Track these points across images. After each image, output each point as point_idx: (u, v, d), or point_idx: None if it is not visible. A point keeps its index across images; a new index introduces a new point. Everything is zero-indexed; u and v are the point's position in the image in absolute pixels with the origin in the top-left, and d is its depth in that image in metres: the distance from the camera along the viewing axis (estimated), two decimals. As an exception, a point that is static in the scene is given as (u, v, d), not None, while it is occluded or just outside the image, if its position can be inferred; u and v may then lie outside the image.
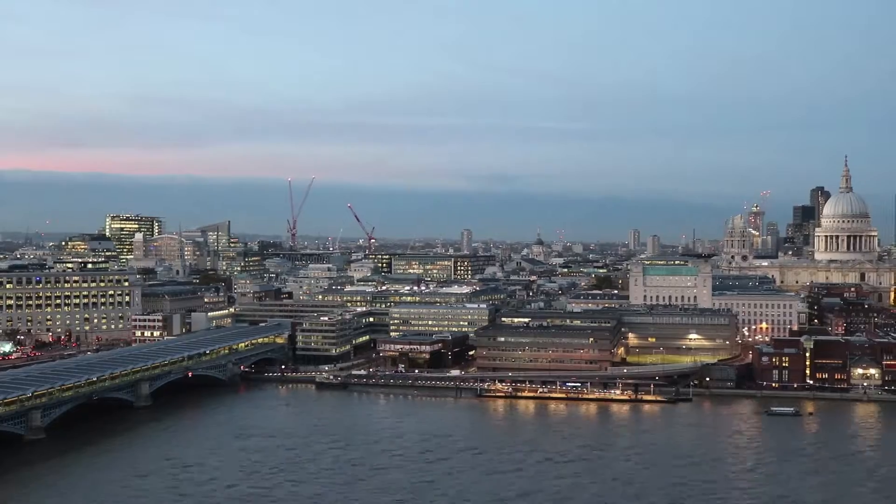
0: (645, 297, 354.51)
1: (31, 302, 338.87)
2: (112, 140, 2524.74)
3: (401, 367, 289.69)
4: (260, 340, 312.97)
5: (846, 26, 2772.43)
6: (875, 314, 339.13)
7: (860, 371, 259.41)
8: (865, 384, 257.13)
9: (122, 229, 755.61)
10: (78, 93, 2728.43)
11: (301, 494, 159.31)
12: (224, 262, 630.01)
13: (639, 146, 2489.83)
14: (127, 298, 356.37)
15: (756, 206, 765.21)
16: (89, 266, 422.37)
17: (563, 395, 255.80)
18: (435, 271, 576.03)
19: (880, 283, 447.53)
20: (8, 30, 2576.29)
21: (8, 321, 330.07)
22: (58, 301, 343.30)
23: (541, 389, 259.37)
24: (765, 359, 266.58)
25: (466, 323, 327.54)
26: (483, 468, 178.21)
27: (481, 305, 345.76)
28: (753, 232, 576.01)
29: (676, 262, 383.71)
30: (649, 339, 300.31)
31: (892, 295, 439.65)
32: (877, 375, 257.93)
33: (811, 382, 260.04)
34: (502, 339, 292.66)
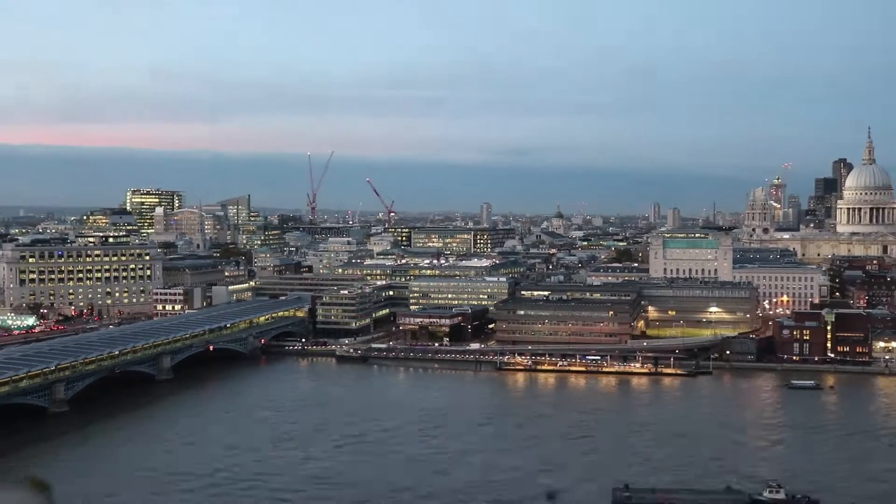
0: (665, 270, 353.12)
1: (53, 276, 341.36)
2: (133, 114, 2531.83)
3: (411, 343, 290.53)
4: (280, 314, 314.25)
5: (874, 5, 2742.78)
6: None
7: (882, 344, 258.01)
8: (887, 357, 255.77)
9: (142, 203, 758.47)
10: (98, 66, 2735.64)
11: (310, 467, 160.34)
12: (244, 236, 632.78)
13: (659, 119, 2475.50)
14: (148, 272, 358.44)
15: (777, 179, 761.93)
16: (110, 240, 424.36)
17: (583, 369, 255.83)
18: (454, 244, 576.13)
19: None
20: (27, 3, 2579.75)
21: (31, 295, 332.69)
22: (80, 275, 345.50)
23: (560, 363, 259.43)
24: (786, 332, 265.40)
25: (486, 296, 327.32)
26: (502, 443, 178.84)
27: (501, 279, 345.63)
28: (775, 204, 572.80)
29: (697, 235, 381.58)
30: (669, 312, 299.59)
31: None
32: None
33: (832, 356, 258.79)
34: (522, 312, 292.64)
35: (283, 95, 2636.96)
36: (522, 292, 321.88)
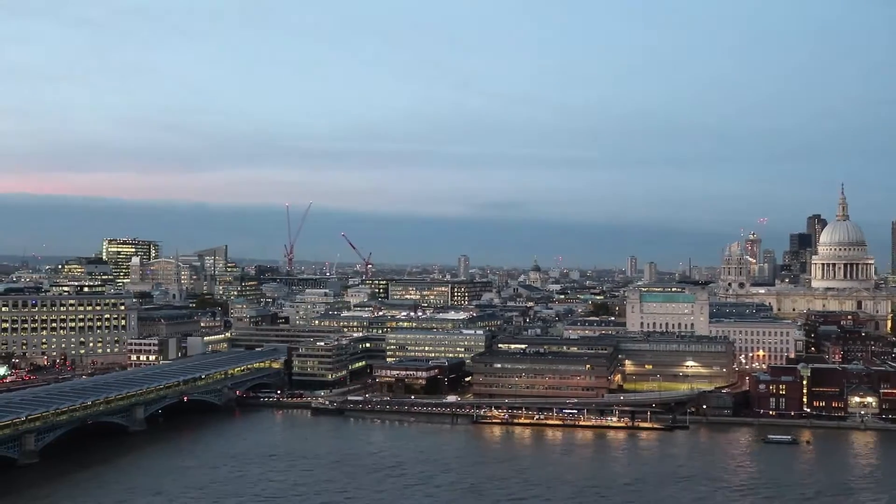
0: (642, 323, 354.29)
1: (26, 325, 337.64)
2: (109, 164, 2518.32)
3: (388, 396, 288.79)
4: (256, 365, 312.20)
5: (845, 59, 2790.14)
6: (872, 342, 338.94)
7: (857, 399, 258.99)
8: (863, 412, 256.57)
9: (118, 253, 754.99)
10: (75, 116, 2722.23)
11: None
12: (221, 287, 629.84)
13: (635, 174, 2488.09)
14: (123, 322, 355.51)
15: (753, 234, 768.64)
16: (85, 289, 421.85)
17: (560, 422, 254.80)
18: (432, 297, 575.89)
19: (877, 312, 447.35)
20: (5, 52, 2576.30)
21: (3, 344, 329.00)
22: (53, 324, 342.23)
23: (537, 416, 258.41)
24: (762, 386, 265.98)
25: (463, 349, 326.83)
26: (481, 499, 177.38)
27: (478, 331, 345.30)
28: (750, 259, 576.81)
29: (673, 290, 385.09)
30: (646, 366, 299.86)
31: (889, 323, 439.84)
32: (874, 404, 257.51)
33: (808, 410, 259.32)
34: (499, 365, 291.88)
35: (261, 147, 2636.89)
36: (499, 345, 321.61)
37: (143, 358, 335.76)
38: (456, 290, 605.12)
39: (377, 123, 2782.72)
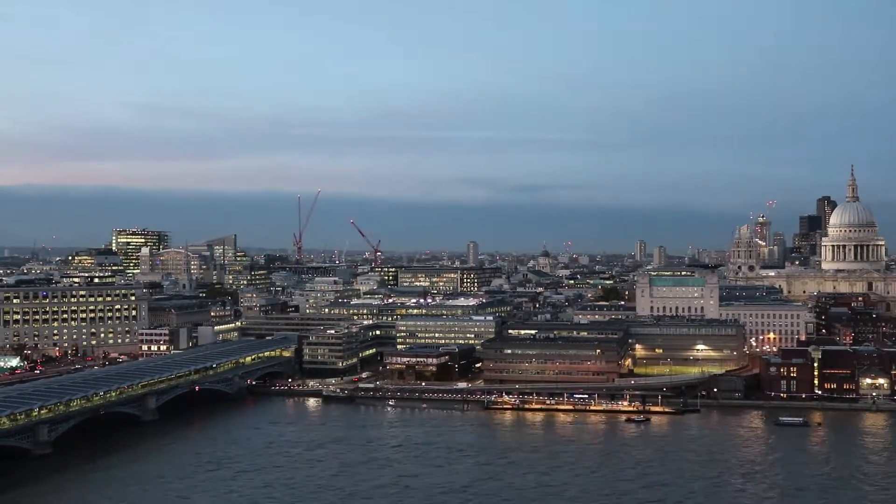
0: (652, 308, 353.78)
1: (37, 317, 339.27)
2: (122, 152, 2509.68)
3: (398, 382, 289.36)
4: (266, 354, 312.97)
5: (857, 41, 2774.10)
6: (883, 324, 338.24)
7: (869, 381, 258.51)
8: (874, 394, 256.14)
9: (128, 243, 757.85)
10: (88, 102, 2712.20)
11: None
12: (230, 276, 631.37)
13: (643, 157, 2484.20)
14: (133, 313, 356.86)
15: (762, 217, 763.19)
16: (96, 280, 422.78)
17: (571, 407, 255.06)
18: (441, 284, 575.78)
19: (888, 293, 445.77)
20: (15, 36, 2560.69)
21: (15, 336, 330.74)
22: (64, 315, 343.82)
23: (548, 401, 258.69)
24: (773, 369, 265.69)
25: (473, 335, 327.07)
26: (496, 482, 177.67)
27: (488, 318, 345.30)
28: (760, 242, 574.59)
29: (683, 273, 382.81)
30: (656, 350, 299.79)
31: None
32: (885, 385, 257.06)
33: (819, 392, 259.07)
34: (509, 351, 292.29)
35: (279, 132, 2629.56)
36: (509, 331, 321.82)
37: (154, 348, 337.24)
38: (465, 276, 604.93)
39: (399, 107, 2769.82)
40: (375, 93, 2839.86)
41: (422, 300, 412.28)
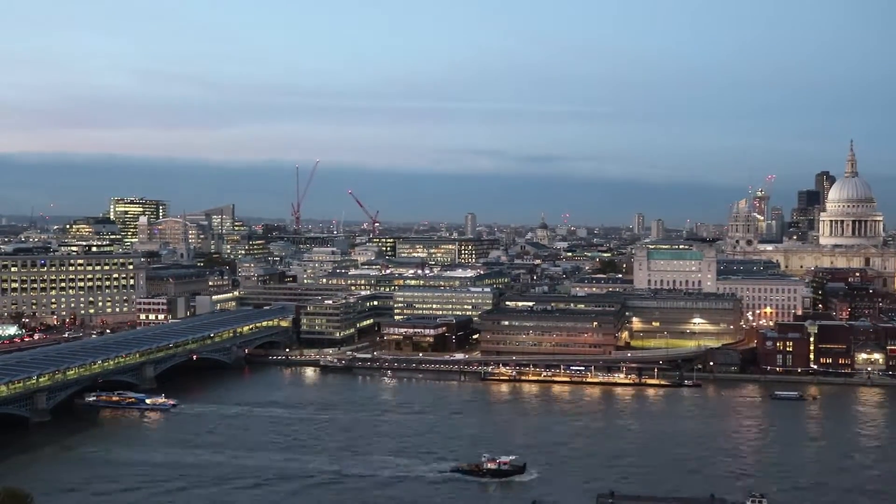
0: (649, 281, 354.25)
1: (35, 285, 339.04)
2: (123, 120, 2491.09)
3: (395, 353, 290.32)
4: (264, 324, 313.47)
5: (856, 13, 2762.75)
6: (879, 299, 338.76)
7: (864, 356, 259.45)
8: (869, 369, 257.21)
9: (126, 212, 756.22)
10: (88, 66, 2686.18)
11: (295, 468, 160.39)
12: (228, 246, 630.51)
13: (643, 129, 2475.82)
14: (131, 281, 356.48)
15: (761, 191, 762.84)
16: (93, 249, 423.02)
17: (567, 379, 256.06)
18: (439, 255, 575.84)
19: (885, 268, 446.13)
20: None
21: (13, 304, 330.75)
22: (62, 284, 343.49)
23: (544, 373, 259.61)
24: (769, 343, 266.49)
25: (470, 306, 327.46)
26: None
27: (485, 289, 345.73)
28: (758, 216, 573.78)
29: (681, 247, 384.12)
30: (653, 323, 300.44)
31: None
32: (881, 360, 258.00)
33: (815, 367, 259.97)
34: (506, 322, 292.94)
35: (278, 103, 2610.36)
36: (507, 303, 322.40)
37: (151, 317, 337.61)
38: (463, 247, 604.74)
39: (408, 76, 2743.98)
40: (383, 61, 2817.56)
41: (419, 271, 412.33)
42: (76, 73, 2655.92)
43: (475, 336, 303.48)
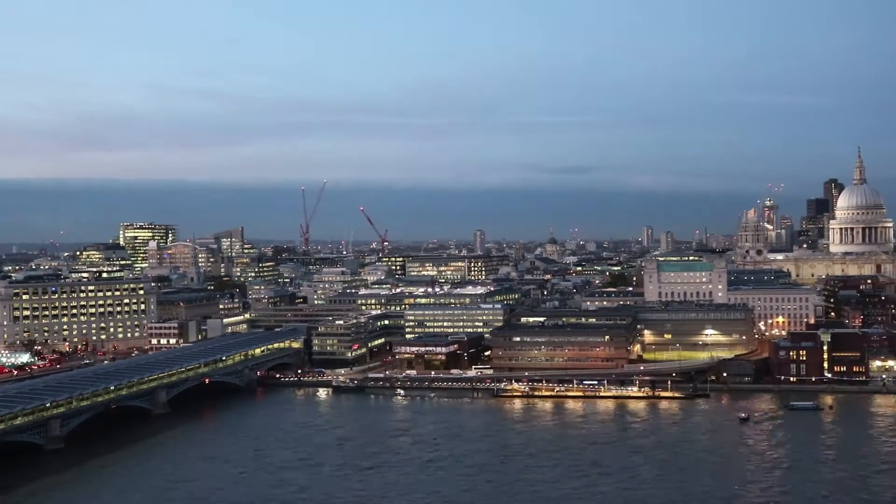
0: (660, 293, 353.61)
1: (47, 312, 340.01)
2: (135, 139, 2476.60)
3: (410, 371, 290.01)
4: (276, 346, 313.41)
5: (863, 15, 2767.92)
6: (892, 305, 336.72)
7: (879, 363, 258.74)
8: (884, 376, 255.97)
9: (135, 238, 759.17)
10: (102, 83, 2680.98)
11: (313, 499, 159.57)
12: (238, 269, 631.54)
13: (651, 139, 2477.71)
14: (142, 307, 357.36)
15: (769, 200, 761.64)
16: (104, 275, 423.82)
17: (580, 394, 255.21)
18: (449, 272, 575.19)
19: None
20: (22, 9, 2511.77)
21: (25, 332, 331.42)
22: (73, 311, 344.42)
23: (557, 388, 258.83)
24: (782, 353, 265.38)
25: (482, 323, 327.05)
26: (503, 471, 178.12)
27: (496, 305, 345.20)
28: (767, 226, 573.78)
29: (691, 258, 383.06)
30: (665, 335, 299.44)
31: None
32: (895, 367, 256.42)
33: (829, 375, 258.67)
34: (518, 338, 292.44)
35: (304, 115, 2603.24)
36: (518, 319, 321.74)
37: (163, 341, 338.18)
38: (473, 264, 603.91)
39: (395, 97, 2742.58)
40: (415, 70, 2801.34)
41: (430, 289, 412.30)
42: (88, 88, 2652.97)
43: (487, 353, 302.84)
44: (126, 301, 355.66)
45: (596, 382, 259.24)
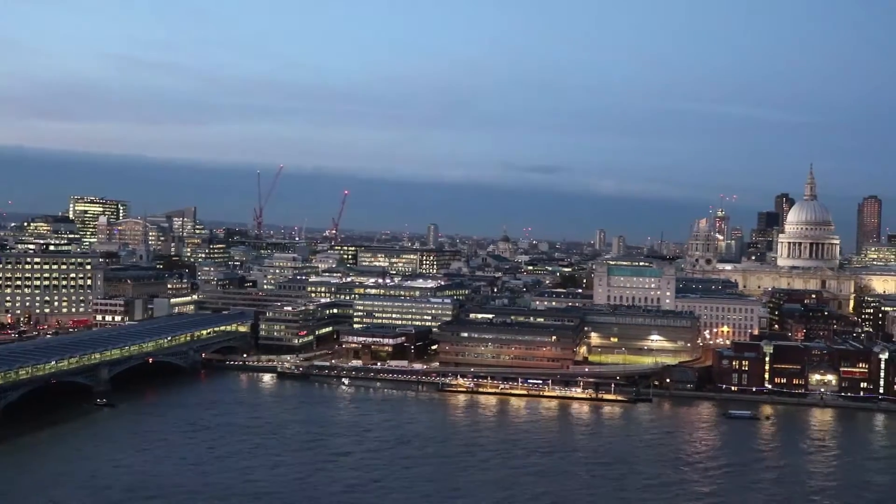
0: (609, 297, 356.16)
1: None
2: (98, 112, 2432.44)
3: (356, 361, 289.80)
4: (222, 328, 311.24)
5: (841, 38, 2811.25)
6: (834, 321, 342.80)
7: (818, 377, 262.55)
8: (823, 389, 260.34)
9: (85, 212, 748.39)
10: (61, 50, 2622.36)
11: (257, 490, 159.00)
12: (188, 249, 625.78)
13: (610, 144, 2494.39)
14: (89, 282, 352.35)
15: (721, 211, 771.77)
16: (51, 248, 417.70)
17: (524, 392, 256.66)
18: (400, 264, 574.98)
19: (840, 291, 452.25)
20: None
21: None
22: (18, 282, 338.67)
23: (502, 385, 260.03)
24: (725, 362, 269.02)
25: (430, 317, 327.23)
26: (441, 467, 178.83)
27: (445, 300, 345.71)
28: (718, 236, 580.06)
29: (641, 264, 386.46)
30: (611, 338, 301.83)
31: (852, 303, 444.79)
32: (834, 381, 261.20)
33: (770, 387, 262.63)
34: (465, 334, 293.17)
35: (266, 95, 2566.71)
36: (467, 315, 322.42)
37: (108, 318, 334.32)
38: (425, 258, 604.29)
39: (369, 82, 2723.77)
40: (386, 55, 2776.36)
41: (380, 280, 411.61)
42: (49, 56, 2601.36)
43: (434, 347, 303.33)
44: (73, 275, 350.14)
45: (540, 382, 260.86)
